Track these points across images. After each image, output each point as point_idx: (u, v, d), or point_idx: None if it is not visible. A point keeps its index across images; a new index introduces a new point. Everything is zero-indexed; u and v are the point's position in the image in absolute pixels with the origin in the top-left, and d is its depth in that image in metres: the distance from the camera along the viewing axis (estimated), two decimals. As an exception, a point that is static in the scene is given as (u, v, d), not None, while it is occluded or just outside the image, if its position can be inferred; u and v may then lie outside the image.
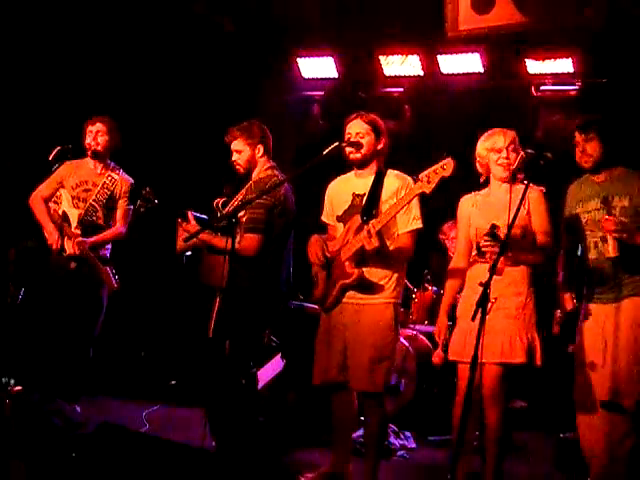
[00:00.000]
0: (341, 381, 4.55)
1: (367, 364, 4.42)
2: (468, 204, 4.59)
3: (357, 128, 4.57)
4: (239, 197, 4.78)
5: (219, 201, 4.86)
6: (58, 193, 5.63)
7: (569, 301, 4.66)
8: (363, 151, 4.54)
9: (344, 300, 4.53)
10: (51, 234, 5.52)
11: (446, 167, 4.09)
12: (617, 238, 4.26)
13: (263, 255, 4.60)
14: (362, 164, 4.58)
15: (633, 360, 4.26)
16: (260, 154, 4.85)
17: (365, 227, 4.30)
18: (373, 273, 4.47)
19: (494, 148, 4.45)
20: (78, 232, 5.49)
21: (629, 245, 4.25)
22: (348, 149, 4.54)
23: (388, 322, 4.48)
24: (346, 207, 4.62)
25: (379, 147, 4.59)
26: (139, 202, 4.97)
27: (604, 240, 4.40)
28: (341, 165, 4.72)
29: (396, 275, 4.52)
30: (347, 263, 4.44)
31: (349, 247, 4.43)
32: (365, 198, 4.52)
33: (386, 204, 4.44)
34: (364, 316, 4.47)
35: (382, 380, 4.46)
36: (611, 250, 4.30)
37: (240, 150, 4.87)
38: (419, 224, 4.49)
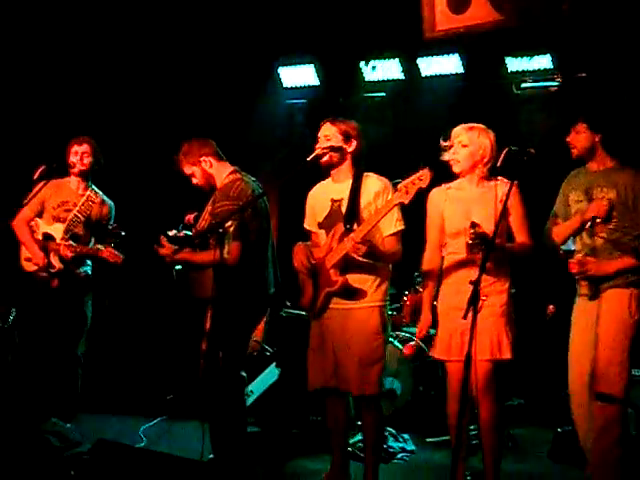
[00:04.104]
0: (333, 386, 4.56)
1: (355, 368, 4.43)
2: (440, 197, 4.59)
3: (325, 131, 4.61)
4: (208, 209, 4.77)
5: (190, 217, 4.87)
6: (33, 222, 5.62)
7: None
8: (327, 156, 4.55)
9: (330, 306, 4.55)
10: (36, 254, 5.51)
11: (423, 178, 4.12)
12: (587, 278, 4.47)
13: (246, 261, 4.58)
14: (331, 167, 4.61)
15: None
16: (209, 165, 4.82)
17: (347, 237, 4.34)
18: (358, 279, 4.49)
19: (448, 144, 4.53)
20: (66, 239, 5.49)
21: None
22: (326, 155, 4.56)
23: (375, 326, 4.49)
24: (325, 213, 4.64)
25: (349, 149, 4.60)
26: (107, 239, 5.12)
27: (589, 234, 4.50)
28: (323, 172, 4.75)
29: (380, 279, 4.54)
30: (332, 270, 4.46)
31: (333, 255, 4.45)
32: (345, 204, 4.53)
33: (366, 209, 4.48)
34: (350, 321, 4.49)
35: (374, 383, 4.46)
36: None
37: (191, 173, 4.87)
38: (402, 225, 4.52)
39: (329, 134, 4.58)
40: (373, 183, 4.56)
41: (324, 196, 4.70)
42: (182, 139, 4.97)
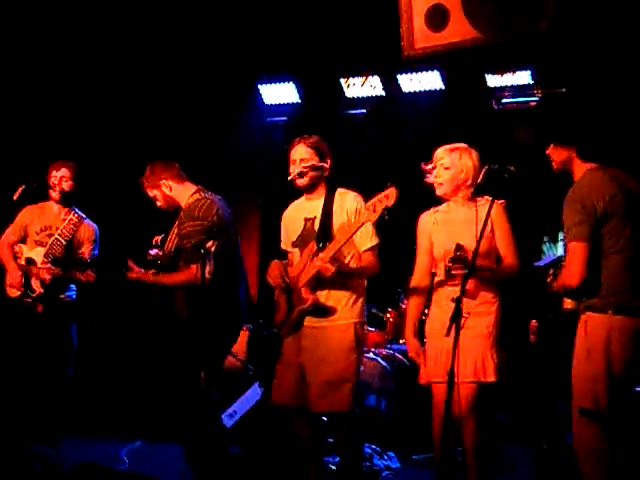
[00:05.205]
0: (297, 405, 4.51)
1: (326, 385, 4.39)
2: (428, 221, 4.58)
3: (300, 154, 4.60)
4: (174, 230, 4.76)
5: (157, 239, 4.85)
6: (17, 248, 5.57)
7: None
8: (307, 177, 4.57)
9: (305, 324, 4.53)
10: (12, 274, 5.46)
11: (389, 197, 4.12)
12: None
13: (218, 279, 4.55)
14: (310, 188, 4.62)
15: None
16: (169, 189, 4.81)
17: (316, 257, 4.36)
18: (332, 297, 4.49)
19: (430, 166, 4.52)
20: (46, 263, 5.44)
21: None
22: (297, 180, 4.58)
23: (349, 342, 4.46)
24: (299, 232, 4.64)
25: (326, 167, 4.61)
26: (74, 269, 5.24)
27: None
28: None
29: (355, 296, 4.53)
30: (303, 289, 4.46)
31: (305, 273, 4.46)
32: (318, 222, 4.54)
33: (340, 226, 4.47)
34: (324, 338, 4.46)
35: (347, 400, 4.41)
36: None
37: (153, 196, 4.88)
38: (377, 240, 4.52)
39: (305, 156, 4.58)
40: (349, 200, 4.56)
41: (297, 215, 4.71)
42: (161, 158, 4.96)
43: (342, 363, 4.43)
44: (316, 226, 4.55)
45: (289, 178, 4.59)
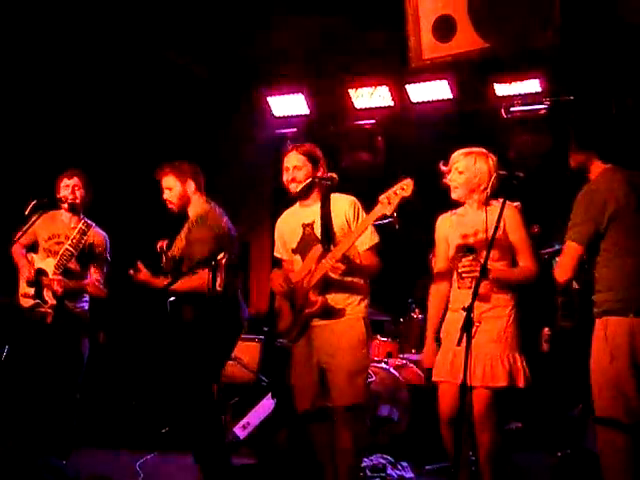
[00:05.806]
0: (319, 406, 4.53)
1: (343, 378, 4.41)
2: (445, 225, 4.59)
3: (293, 161, 4.65)
4: (182, 235, 4.80)
5: (162, 244, 4.87)
6: (29, 258, 5.60)
7: None
8: (301, 185, 4.60)
9: (313, 324, 4.54)
10: (24, 267, 5.48)
11: (406, 187, 4.13)
12: None
13: (224, 290, 4.59)
14: (303, 195, 4.65)
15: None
16: (192, 189, 4.90)
17: (325, 258, 4.37)
18: (339, 299, 4.51)
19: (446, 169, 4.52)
20: (58, 275, 5.46)
21: None
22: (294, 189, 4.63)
23: (360, 335, 4.49)
24: (299, 239, 4.66)
25: (318, 175, 4.64)
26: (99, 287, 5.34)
27: None
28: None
29: (360, 297, 4.56)
30: (311, 291, 4.47)
31: (313, 276, 4.47)
32: (319, 226, 4.56)
33: (339, 228, 4.52)
34: (335, 333, 4.49)
35: (361, 393, 4.44)
36: None
37: (171, 187, 4.92)
38: (377, 239, 4.55)
39: (298, 164, 4.63)
40: (341, 202, 4.60)
41: (294, 222, 4.73)
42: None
43: (356, 355, 4.46)
44: (316, 230, 4.58)
45: (292, 190, 4.63)
